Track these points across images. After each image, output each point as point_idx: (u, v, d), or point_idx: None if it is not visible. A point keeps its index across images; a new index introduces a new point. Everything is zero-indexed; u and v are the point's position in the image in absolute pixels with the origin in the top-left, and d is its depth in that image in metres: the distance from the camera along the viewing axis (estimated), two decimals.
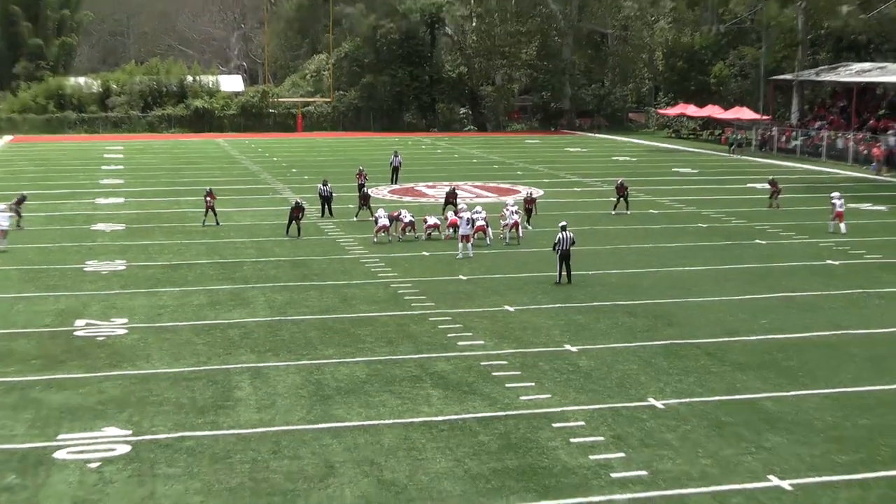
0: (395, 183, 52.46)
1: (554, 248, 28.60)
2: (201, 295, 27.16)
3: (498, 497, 14.46)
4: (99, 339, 22.74)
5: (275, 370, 20.33)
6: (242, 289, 27.89)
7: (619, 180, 43.11)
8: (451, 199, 40.60)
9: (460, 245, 32.44)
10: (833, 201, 37.69)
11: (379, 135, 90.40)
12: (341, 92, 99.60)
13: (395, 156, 54.49)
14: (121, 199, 46.51)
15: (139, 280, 29.13)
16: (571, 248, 28.42)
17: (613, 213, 41.66)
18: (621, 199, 42.07)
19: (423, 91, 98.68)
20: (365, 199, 40.32)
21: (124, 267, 31.00)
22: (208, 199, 39.11)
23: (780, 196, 43.96)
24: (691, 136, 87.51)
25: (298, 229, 36.56)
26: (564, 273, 28.47)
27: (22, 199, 39.63)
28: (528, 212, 38.42)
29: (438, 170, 60.07)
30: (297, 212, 37.07)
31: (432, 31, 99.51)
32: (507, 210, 35.47)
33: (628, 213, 41.64)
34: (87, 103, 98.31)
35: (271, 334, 23.09)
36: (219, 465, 15.53)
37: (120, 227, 38.77)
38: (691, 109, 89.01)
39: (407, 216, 35.61)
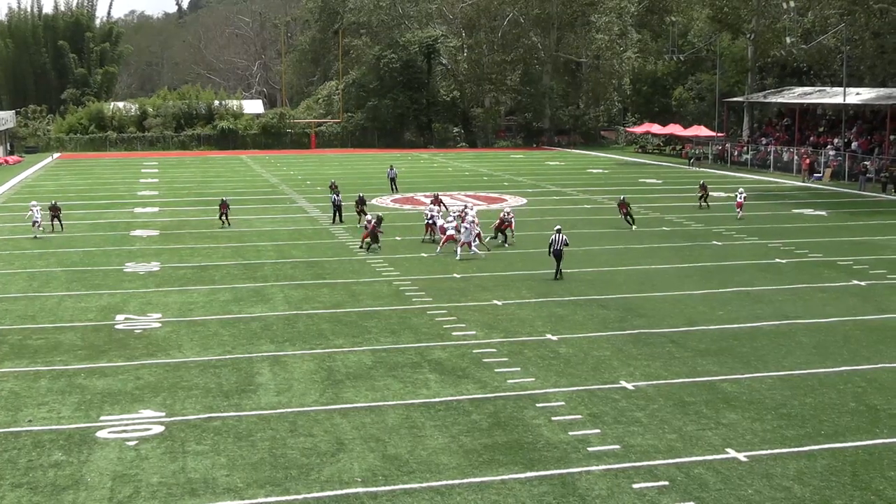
0: (396, 192, 52.39)
1: (549, 249, 28.50)
2: (227, 292, 27.00)
3: (489, 469, 14.33)
4: (136, 331, 22.59)
5: (292, 358, 20.19)
6: (263, 287, 27.75)
7: (621, 197, 40.15)
8: (436, 204, 40.06)
9: (458, 248, 32.27)
10: (738, 194, 42.64)
11: (382, 151, 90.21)
12: (349, 114, 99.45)
13: (391, 169, 54.71)
14: (156, 209, 46.33)
15: (172, 279, 28.98)
16: (564, 249, 28.39)
17: (634, 228, 37.97)
18: (626, 215, 38.49)
19: (421, 112, 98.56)
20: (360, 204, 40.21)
21: (159, 268, 30.84)
22: (222, 208, 40.17)
23: (707, 198, 45.36)
24: (656, 151, 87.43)
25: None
26: (558, 270, 28.45)
27: (54, 206, 39.74)
28: (503, 232, 34.72)
29: (435, 181, 59.90)
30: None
31: (429, 61, 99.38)
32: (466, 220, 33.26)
33: (633, 229, 37.93)
34: (126, 124, 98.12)
35: (288, 326, 22.96)
36: (242, 443, 15.39)
37: (155, 233, 38.60)
38: (655, 128, 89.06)
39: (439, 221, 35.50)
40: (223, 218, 40.04)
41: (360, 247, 33.87)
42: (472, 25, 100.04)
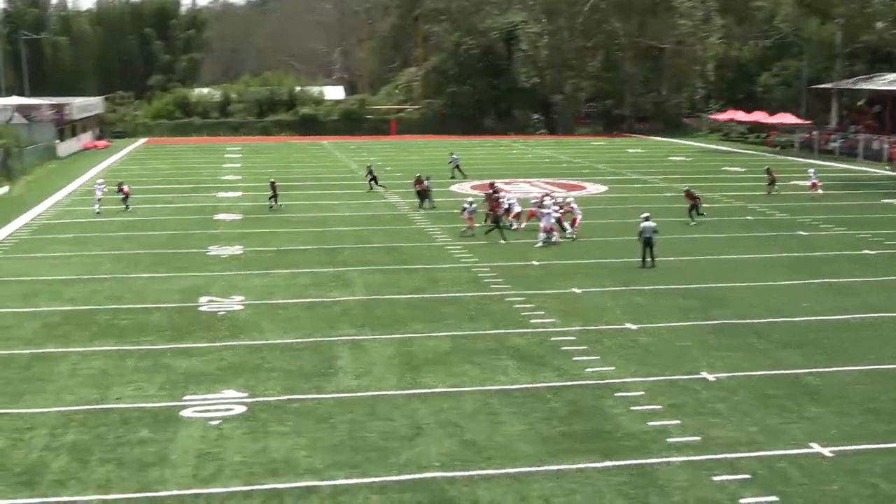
0: (461, 178, 52.92)
1: (639, 236, 28.28)
2: (307, 276, 27.34)
3: (566, 457, 14.29)
4: (220, 313, 23.03)
5: (371, 342, 20.37)
6: (343, 271, 28.02)
7: (687, 188, 38.93)
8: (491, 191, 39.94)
9: (541, 235, 32.13)
10: (810, 175, 44.66)
11: (462, 137, 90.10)
12: (429, 100, 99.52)
13: (452, 155, 55.58)
14: (238, 193, 47.06)
15: (254, 263, 29.44)
16: (655, 237, 28.25)
17: (692, 223, 36.03)
18: (693, 208, 36.63)
19: (501, 99, 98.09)
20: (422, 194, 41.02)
21: (241, 252, 31.37)
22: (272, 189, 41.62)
23: (775, 185, 45.03)
24: (740, 139, 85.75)
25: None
26: (649, 259, 28.21)
27: (121, 187, 41.60)
28: (559, 223, 33.45)
29: (514, 169, 59.70)
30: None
31: (509, 47, 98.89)
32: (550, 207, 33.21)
33: (695, 221, 36.30)
34: (210, 110, 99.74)
35: (368, 311, 23.15)
36: (322, 425, 15.60)
37: (238, 217, 39.25)
38: (740, 115, 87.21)
39: (516, 207, 35.41)
40: (273, 199, 41.24)
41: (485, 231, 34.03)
42: (553, 11, 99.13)
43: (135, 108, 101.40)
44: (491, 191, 37.13)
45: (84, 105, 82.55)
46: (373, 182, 47.64)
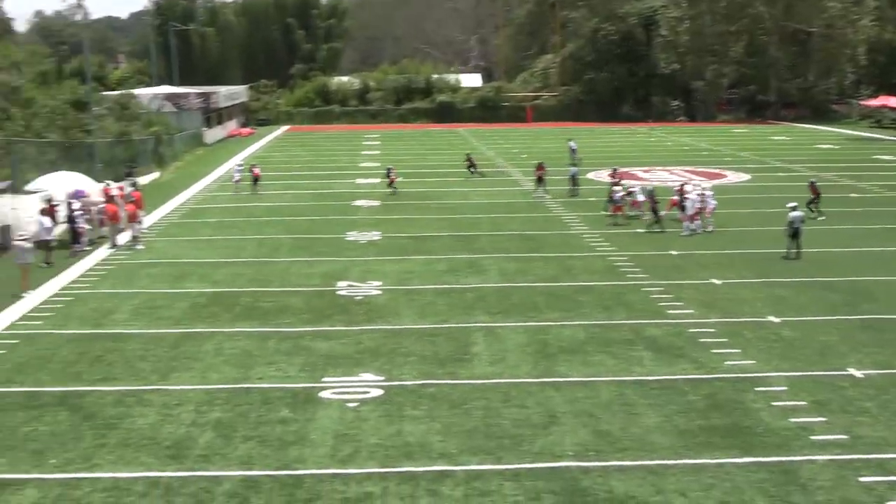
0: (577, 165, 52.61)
1: (788, 227, 27.40)
2: (443, 262, 27.58)
3: (704, 451, 14.00)
4: (357, 298, 23.47)
5: (505, 329, 20.40)
6: (478, 258, 28.14)
7: (811, 180, 36.98)
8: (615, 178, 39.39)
9: (685, 223, 31.55)
10: None
11: (599, 125, 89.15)
12: (566, 87, 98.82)
13: (570, 142, 55.34)
14: (377, 180, 47.72)
15: (391, 249, 29.87)
16: (802, 227, 27.46)
17: (812, 215, 33.62)
18: (814, 200, 34.69)
19: (639, 85, 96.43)
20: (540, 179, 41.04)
21: (379, 237, 31.87)
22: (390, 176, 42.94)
23: None
24: (892, 126, 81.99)
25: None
26: (794, 250, 27.37)
27: (252, 169, 44.22)
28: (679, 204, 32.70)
29: (652, 156, 58.69)
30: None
31: (648, 32, 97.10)
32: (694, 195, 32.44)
33: (814, 214, 34.03)
34: (349, 98, 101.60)
35: (503, 298, 23.19)
36: (456, 410, 15.72)
37: (376, 203, 39.88)
38: (893, 101, 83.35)
39: (639, 196, 34.83)
40: (392, 185, 42.37)
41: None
42: None
43: (277, 97, 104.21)
44: (612, 179, 36.82)
45: (230, 93, 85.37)
46: (471, 169, 48.16)
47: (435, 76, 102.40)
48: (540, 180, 41.45)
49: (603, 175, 48.22)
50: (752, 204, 37.58)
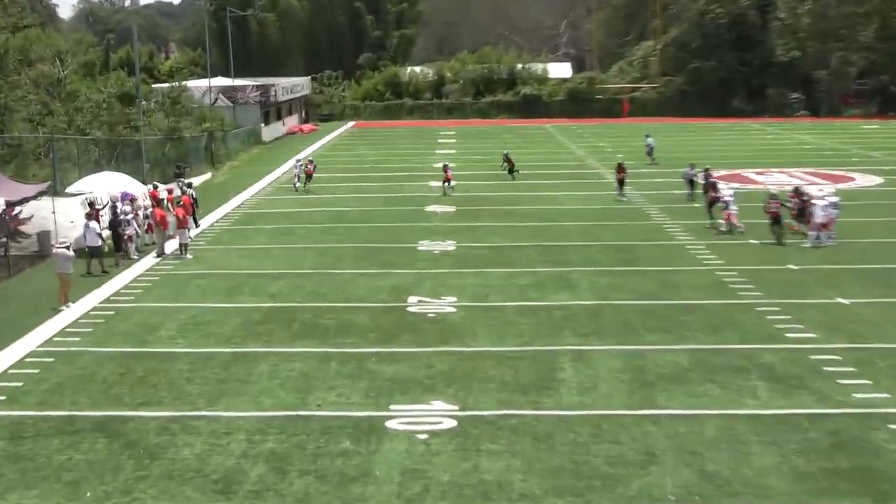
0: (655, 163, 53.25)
1: None
2: (526, 276, 27.41)
3: (828, 498, 13.58)
4: (429, 315, 23.42)
5: (597, 353, 20.15)
6: (566, 271, 27.91)
7: None
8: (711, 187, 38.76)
9: (811, 233, 30.90)
10: None
11: (705, 120, 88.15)
12: (667, 77, 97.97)
13: (648, 137, 55.91)
14: (453, 182, 47.80)
15: (468, 260, 29.82)
16: None
17: None
18: None
19: (752, 75, 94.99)
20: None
21: (454, 247, 31.84)
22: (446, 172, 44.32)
23: None
24: None
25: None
26: None
27: (312, 162, 46.93)
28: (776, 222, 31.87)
29: (767, 156, 57.75)
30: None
31: (763, 15, 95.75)
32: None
33: None
34: (423, 90, 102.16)
35: (594, 317, 22.94)
36: (540, 445, 15.53)
37: (451, 208, 39.91)
38: None
39: (733, 206, 34.13)
40: (445, 183, 43.53)
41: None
42: None
43: (343, 89, 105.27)
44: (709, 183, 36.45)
45: (290, 85, 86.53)
46: (510, 171, 48.48)
47: (519, 66, 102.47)
48: (622, 183, 41.65)
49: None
50: (884, 212, 36.63)
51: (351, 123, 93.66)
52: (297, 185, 46.61)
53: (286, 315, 23.60)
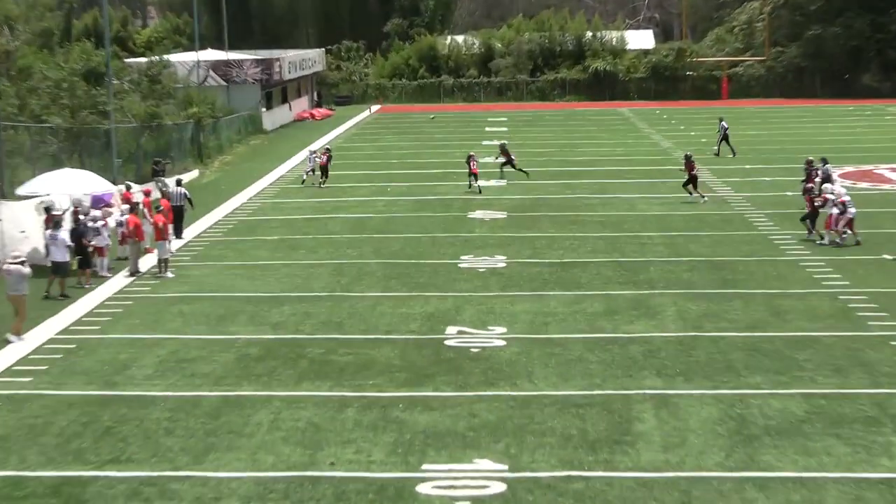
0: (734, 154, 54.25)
1: None
2: (596, 301, 27.34)
3: None
4: (473, 350, 23.39)
5: (686, 399, 20.05)
6: (648, 295, 27.82)
7: None
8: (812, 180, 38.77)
9: None
10: None
11: (826, 102, 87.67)
12: (779, 48, 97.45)
13: (721, 122, 56.74)
14: (502, 182, 47.81)
15: (522, 280, 29.79)
16: None
17: None
18: None
19: (889, 45, 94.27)
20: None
21: (505, 264, 31.82)
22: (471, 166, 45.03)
23: None
24: None
25: None
26: None
27: (328, 151, 48.48)
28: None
29: None
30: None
31: None
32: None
33: None
34: (466, 66, 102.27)
35: (683, 353, 22.83)
36: None
37: (501, 214, 39.92)
38: None
39: (851, 209, 33.93)
40: (472, 178, 44.74)
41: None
42: None
43: (365, 64, 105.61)
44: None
45: (299, 60, 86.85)
46: (506, 165, 48.68)
47: (589, 35, 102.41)
48: (693, 181, 41.91)
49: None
50: None
51: (376, 108, 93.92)
52: (305, 177, 48.08)
53: (292, 350, 23.66)
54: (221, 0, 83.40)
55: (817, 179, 38.63)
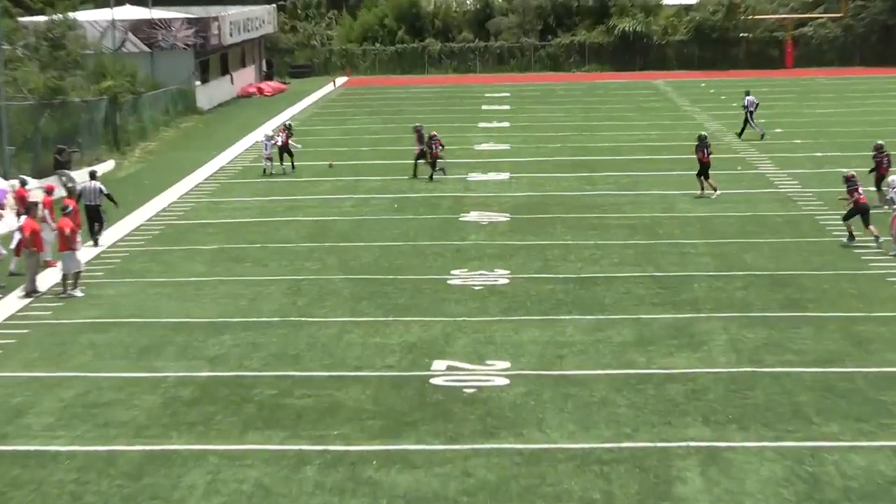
0: (756, 129, 55.94)
1: None
2: (625, 327, 27.33)
3: None
4: (467, 390, 23.33)
5: (741, 454, 20.05)
6: (691, 319, 27.83)
7: None
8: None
9: None
10: None
11: None
12: (860, 2, 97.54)
13: (747, 96, 57.81)
14: (504, 175, 47.81)
15: (529, 301, 29.77)
16: None
17: None
18: None
19: None
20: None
21: (507, 280, 31.80)
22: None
23: None
24: None
25: None
26: None
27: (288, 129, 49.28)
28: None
29: None
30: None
31: None
32: None
33: None
34: (458, 27, 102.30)
35: (737, 394, 22.82)
36: None
37: (503, 217, 39.94)
38: None
39: None
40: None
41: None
42: None
43: (328, 25, 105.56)
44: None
45: (243, 20, 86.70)
46: (422, 158, 48.21)
47: None
48: (704, 172, 42.56)
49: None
50: None
51: (341, 80, 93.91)
52: (268, 166, 48.84)
53: (235, 391, 23.59)
54: None
55: (893, 169, 38.98)
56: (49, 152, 49.32)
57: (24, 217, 33.16)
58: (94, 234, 35.89)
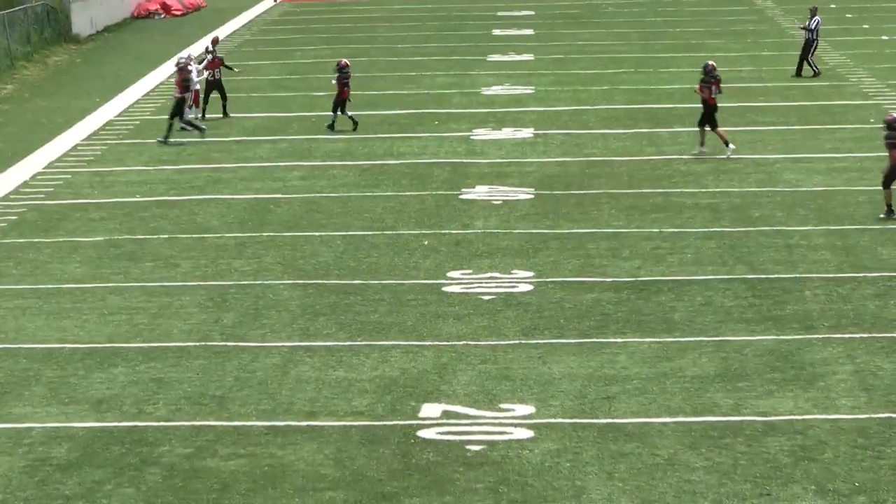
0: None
1: None
2: (703, 354, 27.51)
3: None
4: (471, 447, 23.48)
5: None
6: (800, 343, 28.00)
7: None
8: None
9: None
10: None
11: None
12: None
13: (813, 14, 59.29)
14: (526, 132, 47.96)
15: (562, 317, 29.95)
16: None
17: None
18: None
19: None
20: None
21: (531, 287, 31.98)
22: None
23: None
24: None
25: None
26: None
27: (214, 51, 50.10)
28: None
29: None
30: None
31: None
32: None
33: None
34: None
35: (867, 451, 22.89)
36: None
37: (524, 194, 40.14)
38: None
39: None
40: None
41: None
42: None
43: None
44: None
45: None
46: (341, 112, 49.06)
47: None
48: (710, 114, 43.06)
49: None
50: None
51: None
52: (190, 115, 48.64)
53: (132, 449, 23.73)
54: None
55: None
56: None
57: None
58: None
